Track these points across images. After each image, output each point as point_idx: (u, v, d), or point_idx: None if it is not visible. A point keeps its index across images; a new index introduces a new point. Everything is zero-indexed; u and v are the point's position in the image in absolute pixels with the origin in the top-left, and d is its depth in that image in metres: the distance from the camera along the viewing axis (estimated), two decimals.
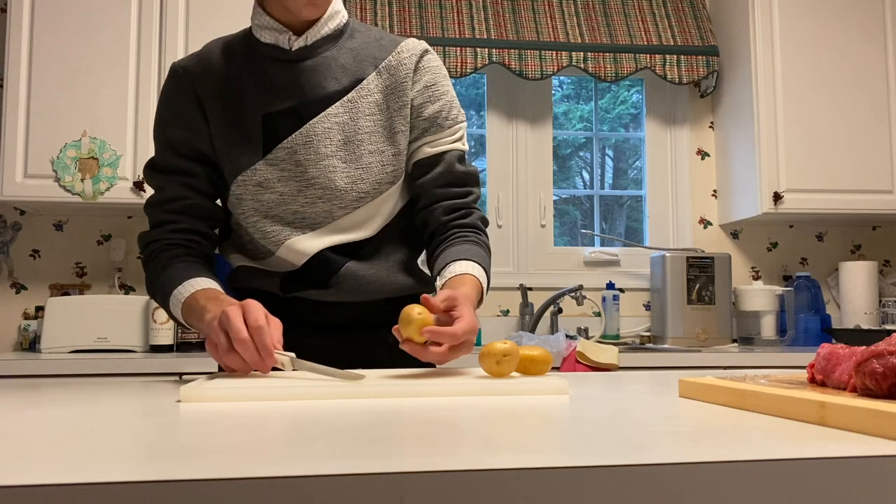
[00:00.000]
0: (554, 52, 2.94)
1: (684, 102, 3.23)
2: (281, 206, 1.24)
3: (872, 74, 2.89)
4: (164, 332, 2.53)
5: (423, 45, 1.32)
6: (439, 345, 0.98)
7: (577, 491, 0.47)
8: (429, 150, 1.28)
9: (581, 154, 3.35)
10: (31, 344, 2.68)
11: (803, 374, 0.93)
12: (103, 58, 2.54)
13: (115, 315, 2.54)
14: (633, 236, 3.27)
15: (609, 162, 3.37)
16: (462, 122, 1.32)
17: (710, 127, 3.23)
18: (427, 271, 1.35)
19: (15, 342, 2.79)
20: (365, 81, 1.26)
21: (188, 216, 1.24)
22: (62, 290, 2.81)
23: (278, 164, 1.23)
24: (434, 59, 1.31)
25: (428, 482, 0.45)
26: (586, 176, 3.33)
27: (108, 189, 2.52)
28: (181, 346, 2.58)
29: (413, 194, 1.31)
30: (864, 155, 2.87)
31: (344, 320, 1.28)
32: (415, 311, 0.98)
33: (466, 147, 1.33)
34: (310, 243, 1.24)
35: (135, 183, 2.52)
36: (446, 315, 1.01)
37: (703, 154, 3.22)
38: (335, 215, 1.24)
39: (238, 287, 1.32)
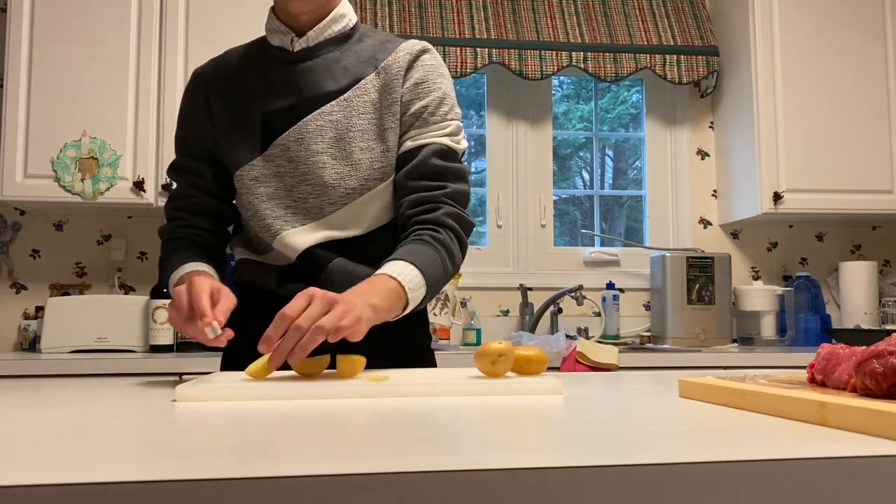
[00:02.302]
0: (554, 52, 2.94)
1: (684, 102, 3.23)
2: (275, 201, 1.27)
3: (872, 74, 2.89)
4: (164, 332, 2.53)
5: (423, 45, 1.32)
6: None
7: (577, 491, 0.47)
8: (409, 144, 1.27)
9: (581, 154, 3.35)
10: (31, 344, 2.68)
11: (803, 374, 0.93)
12: (103, 58, 2.54)
13: (115, 315, 2.54)
14: (633, 236, 3.27)
15: (609, 162, 3.37)
16: (453, 119, 1.29)
17: (710, 127, 3.23)
18: None
19: (15, 342, 2.79)
20: (363, 81, 1.28)
21: (193, 214, 1.33)
22: (62, 290, 2.81)
23: (273, 160, 1.27)
24: (431, 59, 1.31)
25: (426, 482, 0.45)
26: (586, 176, 3.33)
27: (108, 189, 2.52)
28: (181, 346, 2.58)
29: (396, 188, 1.30)
30: (864, 155, 2.87)
31: None
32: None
33: (461, 146, 1.29)
34: (301, 238, 1.26)
35: (135, 183, 2.52)
36: None
37: (703, 154, 3.22)
38: (325, 211, 1.26)
39: (238, 282, 1.36)
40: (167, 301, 2.56)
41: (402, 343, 1.31)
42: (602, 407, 0.77)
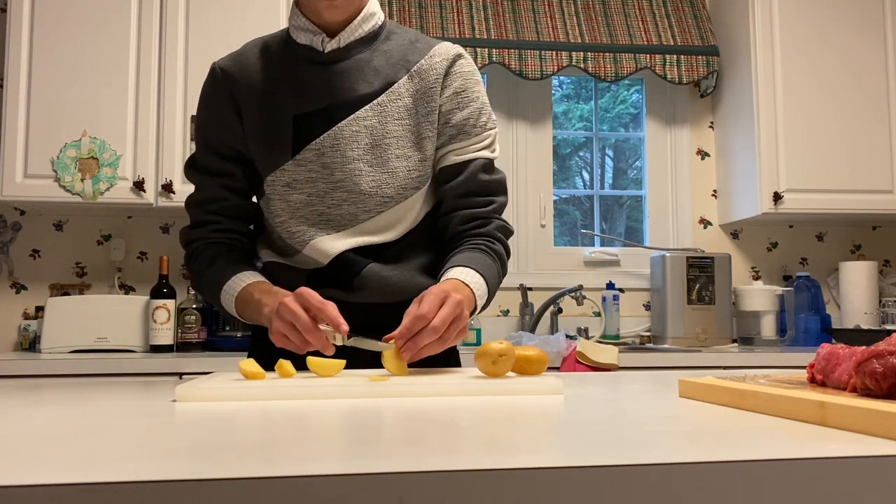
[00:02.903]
0: (554, 52, 2.94)
1: (684, 102, 3.23)
2: (308, 207, 1.25)
3: (872, 74, 2.89)
4: (164, 332, 2.53)
5: (457, 49, 1.30)
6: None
7: (577, 491, 0.47)
8: (454, 158, 1.26)
9: (581, 154, 3.35)
10: (31, 344, 2.68)
11: (803, 374, 0.93)
12: (103, 58, 2.54)
13: (115, 315, 2.54)
14: (633, 236, 3.27)
15: (609, 162, 3.37)
16: (492, 129, 1.30)
17: (710, 127, 3.23)
18: None
19: (15, 342, 2.79)
20: (396, 85, 1.25)
21: (227, 217, 1.29)
22: (62, 290, 2.81)
23: (306, 164, 1.24)
24: (466, 64, 1.30)
25: (426, 482, 0.45)
26: (586, 176, 3.33)
27: (107, 189, 2.52)
28: (181, 347, 2.58)
29: (437, 199, 1.31)
30: (864, 155, 2.86)
31: (366, 321, 1.27)
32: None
33: (496, 154, 1.30)
34: (333, 244, 1.24)
35: (135, 183, 2.52)
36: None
37: (703, 154, 3.22)
38: (360, 218, 1.24)
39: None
40: (167, 301, 2.56)
41: None
42: (602, 407, 0.77)
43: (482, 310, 1.22)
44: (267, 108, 1.25)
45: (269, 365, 1.27)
